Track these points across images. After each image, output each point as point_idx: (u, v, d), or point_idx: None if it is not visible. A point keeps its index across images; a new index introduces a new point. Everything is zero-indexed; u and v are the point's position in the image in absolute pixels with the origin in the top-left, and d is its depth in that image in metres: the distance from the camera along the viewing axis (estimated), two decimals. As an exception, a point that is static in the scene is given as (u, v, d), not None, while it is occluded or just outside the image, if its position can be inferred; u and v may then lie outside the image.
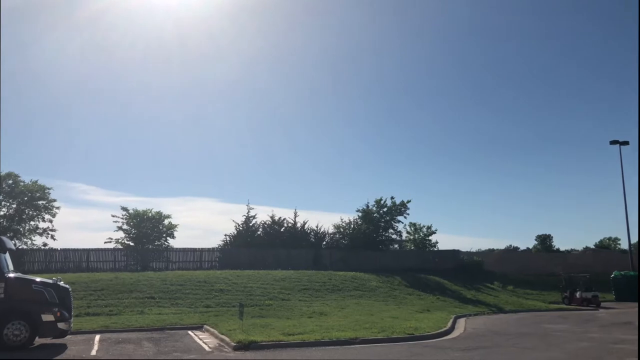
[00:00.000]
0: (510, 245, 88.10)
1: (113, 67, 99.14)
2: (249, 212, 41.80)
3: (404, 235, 47.95)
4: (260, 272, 30.80)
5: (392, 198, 44.68)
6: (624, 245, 78.12)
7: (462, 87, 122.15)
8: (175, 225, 38.81)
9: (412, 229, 48.75)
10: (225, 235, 41.80)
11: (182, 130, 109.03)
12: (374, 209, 44.72)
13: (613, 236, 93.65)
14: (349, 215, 45.78)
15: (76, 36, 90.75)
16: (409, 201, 44.78)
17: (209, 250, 39.00)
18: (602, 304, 32.69)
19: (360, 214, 44.71)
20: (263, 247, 39.18)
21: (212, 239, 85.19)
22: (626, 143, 44.55)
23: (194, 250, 38.23)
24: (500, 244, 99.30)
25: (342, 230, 44.48)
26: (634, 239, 74.77)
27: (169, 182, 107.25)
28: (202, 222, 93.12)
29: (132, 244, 37.17)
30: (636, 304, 33.26)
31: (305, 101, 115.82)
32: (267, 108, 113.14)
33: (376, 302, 27.36)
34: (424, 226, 48.38)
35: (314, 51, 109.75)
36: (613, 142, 44.70)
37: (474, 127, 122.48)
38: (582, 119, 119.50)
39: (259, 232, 42.00)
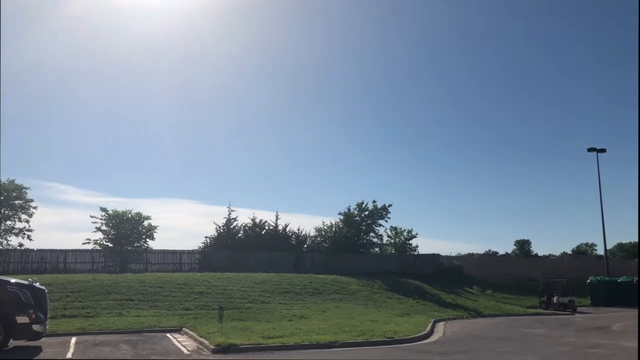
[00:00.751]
0: (490, 250, 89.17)
1: (95, 67, 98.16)
2: (230, 214, 41.61)
3: (385, 239, 48.23)
4: (241, 275, 30.63)
5: (373, 202, 44.90)
6: (600, 250, 79.68)
7: (445, 94, 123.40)
8: (155, 227, 38.50)
9: (393, 232, 48.98)
10: (206, 237, 41.48)
11: (163, 131, 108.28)
12: (356, 212, 44.80)
13: (590, 242, 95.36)
14: (331, 219, 46.00)
15: (58, 35, 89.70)
16: (390, 205, 45.04)
17: (189, 252, 38.64)
18: (578, 309, 33.16)
19: (342, 217, 44.82)
20: (244, 250, 38.95)
21: (192, 241, 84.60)
22: (603, 151, 45.50)
23: (173, 252, 37.86)
24: (479, 249, 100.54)
25: (323, 233, 44.49)
26: (610, 245, 76.01)
27: (149, 182, 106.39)
28: (182, 224, 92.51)
29: (110, 245, 36.70)
30: (611, 310, 34.03)
31: (289, 103, 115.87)
32: (251, 110, 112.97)
33: (356, 306, 27.40)
34: (404, 230, 48.62)
35: (301, 52, 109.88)
36: (591, 150, 45.64)
37: (455, 132, 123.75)
38: (561, 126, 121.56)
39: (239, 235, 41.74)
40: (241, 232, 41.95)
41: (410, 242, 48.11)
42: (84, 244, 36.59)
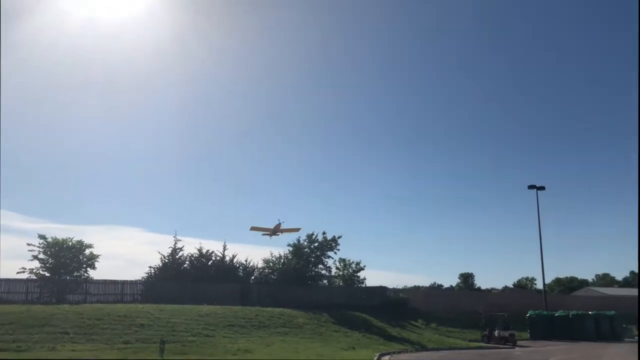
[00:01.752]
0: (435, 283, 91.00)
1: (44, 86, 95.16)
2: (175, 243, 40.72)
3: (334, 270, 48.10)
4: (185, 307, 29.86)
5: (323, 233, 44.98)
6: (539, 284, 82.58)
7: (397, 129, 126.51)
8: (97, 256, 37.10)
9: (342, 264, 48.91)
10: (150, 267, 40.30)
11: (110, 157, 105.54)
12: (305, 243, 44.72)
13: (530, 276, 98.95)
14: (280, 250, 45.56)
15: (17, 51, 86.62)
16: (339, 237, 45.19)
17: (131, 282, 37.46)
18: (518, 342, 34.08)
19: (290, 249, 44.60)
20: (189, 281, 38.10)
21: (137, 271, 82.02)
22: (542, 188, 47.82)
23: (115, 282, 36.63)
24: (426, 281, 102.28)
25: (271, 265, 44.07)
26: (548, 279, 78.80)
27: (94, 209, 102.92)
28: (126, 253, 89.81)
29: (48, 274, 35.06)
30: (549, 343, 35.21)
31: (238, 130, 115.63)
32: (198, 136, 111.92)
33: (302, 340, 27.14)
34: (353, 262, 48.66)
35: (255, 81, 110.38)
36: (531, 187, 47.90)
37: (403, 166, 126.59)
38: (502, 164, 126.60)
39: (185, 265, 40.84)
40: (187, 262, 41.07)
41: (358, 274, 48.21)
42: (18, 272, 34.75)
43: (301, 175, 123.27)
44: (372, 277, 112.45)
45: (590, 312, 40.60)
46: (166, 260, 40.21)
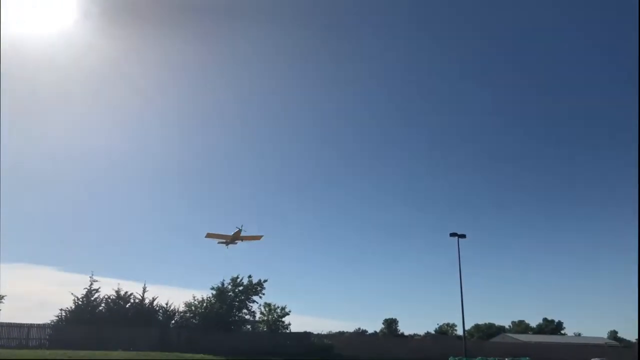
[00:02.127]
0: (360, 328, 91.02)
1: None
2: (91, 284, 38.67)
3: (258, 315, 47.00)
4: (97, 353, 28.08)
5: (249, 276, 44.20)
6: (460, 331, 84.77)
7: (321, 170, 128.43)
8: (1, 297, 34.50)
9: (267, 309, 47.94)
10: (61, 309, 37.77)
11: (21, 189, 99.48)
12: (230, 287, 43.61)
13: (451, 322, 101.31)
14: (203, 293, 44.03)
15: None
16: (265, 280, 44.56)
17: (39, 326, 35.05)
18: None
19: (214, 292, 43.25)
20: (105, 325, 36.10)
21: (46, 314, 76.19)
22: (463, 236, 49.41)
23: (20, 325, 34.13)
24: (350, 327, 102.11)
25: (193, 308, 42.51)
26: (467, 326, 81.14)
27: (3, 245, 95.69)
28: (37, 293, 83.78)
29: (-58, 317, 32.05)
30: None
31: (168, 163, 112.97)
32: (125, 170, 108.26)
33: (223, 388, 26.14)
34: (278, 307, 47.86)
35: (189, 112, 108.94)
36: (452, 235, 49.30)
37: (328, 212, 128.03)
38: (424, 212, 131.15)
39: (101, 308, 38.65)
40: (103, 304, 38.89)
41: (283, 319, 47.34)
42: None
43: (225, 215, 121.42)
44: (297, 322, 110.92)
45: (506, 358, 41.95)
46: (80, 302, 37.95)
